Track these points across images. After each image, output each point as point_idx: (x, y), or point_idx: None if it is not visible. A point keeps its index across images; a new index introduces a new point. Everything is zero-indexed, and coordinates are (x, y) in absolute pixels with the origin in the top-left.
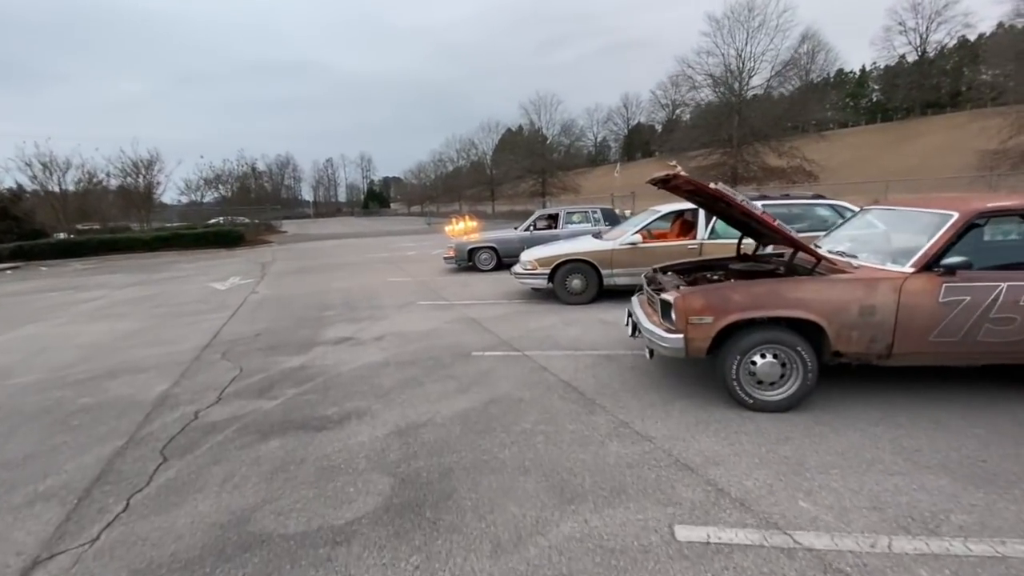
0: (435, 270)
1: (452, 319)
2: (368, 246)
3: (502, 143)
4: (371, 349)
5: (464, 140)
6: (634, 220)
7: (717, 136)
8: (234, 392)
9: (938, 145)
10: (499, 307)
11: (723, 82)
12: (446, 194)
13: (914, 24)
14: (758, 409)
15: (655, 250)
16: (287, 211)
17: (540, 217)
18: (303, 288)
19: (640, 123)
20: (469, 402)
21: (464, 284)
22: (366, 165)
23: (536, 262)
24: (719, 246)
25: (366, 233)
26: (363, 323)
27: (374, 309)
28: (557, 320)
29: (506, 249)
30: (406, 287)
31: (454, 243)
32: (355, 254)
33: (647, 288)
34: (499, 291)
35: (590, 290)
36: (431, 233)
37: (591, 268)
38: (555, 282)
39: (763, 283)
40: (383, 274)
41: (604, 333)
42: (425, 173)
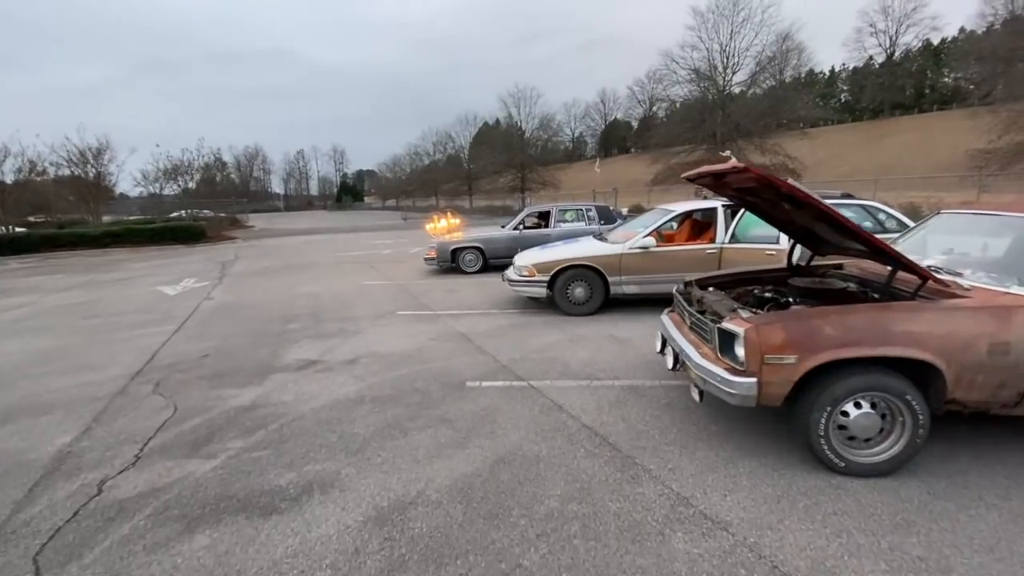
0: (415, 272)
1: (438, 334)
2: (341, 243)
3: (479, 137)
4: (341, 377)
5: (441, 133)
6: (642, 220)
7: (701, 132)
8: (160, 446)
9: (908, 144)
10: (491, 318)
11: (707, 76)
12: (422, 188)
13: (884, 26)
14: (850, 473)
15: (669, 255)
16: (256, 204)
17: (530, 215)
18: (266, 293)
19: (617, 119)
20: (471, 462)
21: (448, 289)
22: (339, 158)
23: (533, 268)
24: (740, 251)
25: (339, 228)
26: (333, 340)
27: (346, 321)
28: (561, 337)
29: (493, 250)
30: (383, 292)
31: (435, 243)
32: (326, 252)
33: (686, 308)
34: (488, 298)
35: (595, 300)
36: (408, 229)
37: (596, 275)
38: (555, 290)
39: (860, 312)
40: (357, 276)
41: (619, 354)
42: (400, 167)
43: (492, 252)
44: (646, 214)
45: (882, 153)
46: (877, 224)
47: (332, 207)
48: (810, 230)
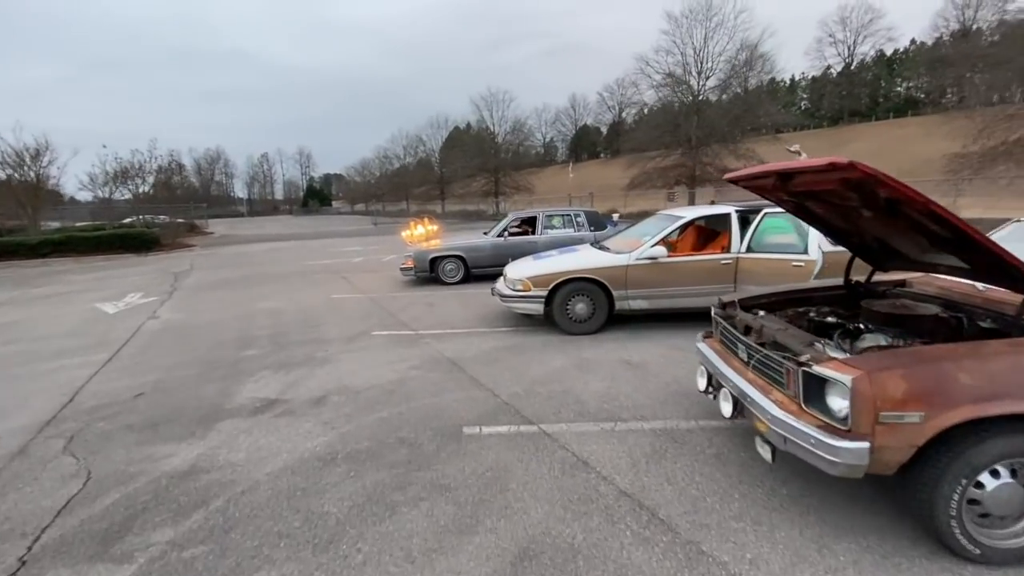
0: (389, 282)
1: (422, 361)
2: (308, 250)
3: (451, 140)
4: (307, 424)
5: (411, 136)
6: (644, 228)
7: (677, 136)
8: (57, 542)
9: (869, 151)
10: (481, 339)
11: (682, 81)
12: (392, 192)
13: (843, 36)
14: (988, 562)
15: (681, 266)
16: (218, 209)
17: (515, 221)
18: (222, 310)
19: (587, 124)
20: (484, 559)
21: (429, 303)
22: (305, 161)
23: (529, 281)
24: (760, 262)
25: (305, 234)
26: (298, 370)
27: (314, 344)
28: (566, 362)
29: (476, 259)
30: (356, 308)
31: (412, 251)
32: (292, 261)
33: (738, 338)
34: (475, 314)
35: (598, 317)
36: (379, 234)
37: (600, 289)
38: (554, 306)
39: (1003, 353)
40: (326, 288)
41: (638, 385)
42: (370, 170)
43: (475, 261)
44: (648, 221)
45: None
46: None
47: (298, 211)
48: (883, 241)
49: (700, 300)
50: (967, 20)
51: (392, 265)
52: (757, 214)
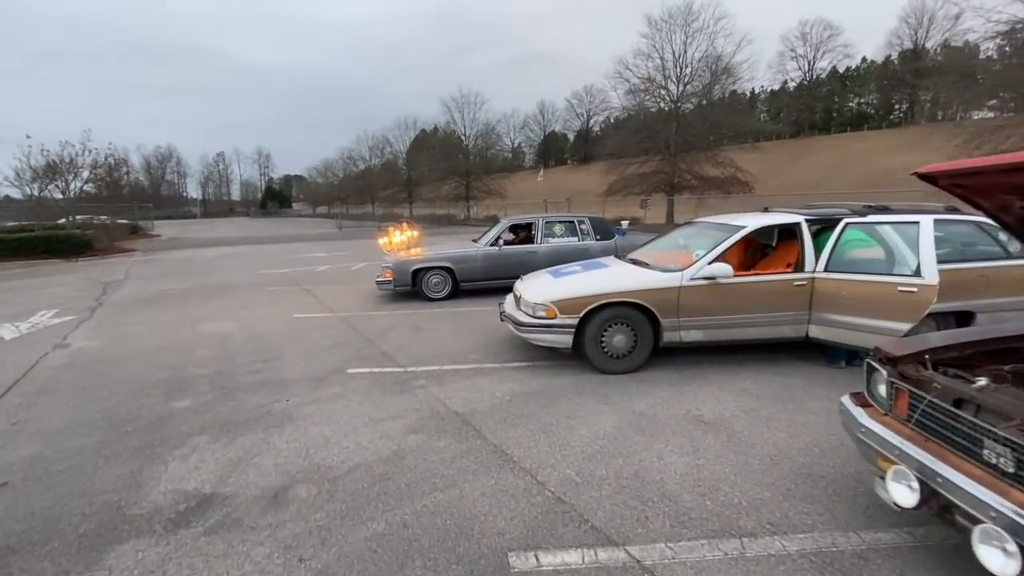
0: (363, 298)
1: (421, 418)
2: (265, 256)
3: (419, 143)
4: (259, 553)
5: (378, 137)
6: (691, 238)
7: (657, 142)
8: None
9: (830, 162)
10: (492, 380)
11: (661, 86)
12: (357, 195)
13: (803, 51)
14: None
15: (746, 289)
16: (169, 210)
17: (510, 227)
18: (153, 335)
19: (555, 131)
20: None
21: (415, 326)
22: (264, 161)
23: (555, 306)
24: (846, 285)
25: (264, 238)
26: (247, 435)
27: (270, 389)
28: (618, 419)
29: (466, 271)
30: (324, 332)
31: (391, 261)
32: (246, 269)
33: (983, 430)
34: (474, 340)
35: (640, 351)
36: (345, 238)
37: (644, 316)
38: (586, 338)
39: None
40: (286, 305)
41: (738, 461)
42: (333, 171)
43: (464, 274)
44: (687, 230)
45: (809, 170)
46: (998, 246)
47: (256, 213)
48: None
49: (766, 331)
50: (919, 40)
51: (363, 275)
52: (833, 224)
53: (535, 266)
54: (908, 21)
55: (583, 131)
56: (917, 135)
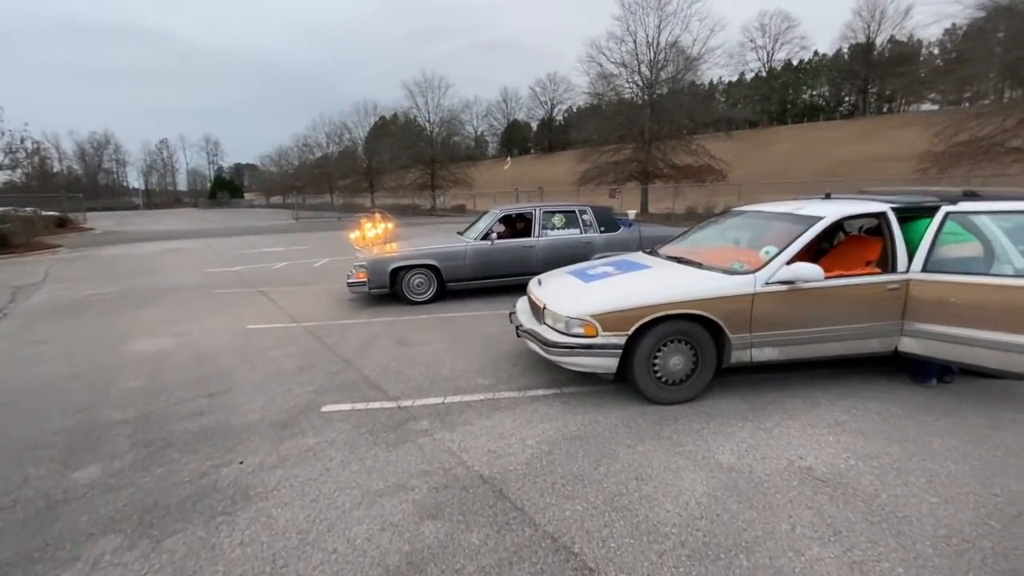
0: (331, 302)
1: (434, 488)
2: (214, 252)
3: (380, 129)
4: None
5: (335, 123)
6: (743, 230)
7: (633, 129)
8: None
9: (791, 152)
10: (514, 417)
11: (635, 71)
12: (314, 184)
13: (762, 42)
14: None
15: (834, 293)
16: (107, 200)
17: (502, 218)
18: (65, 357)
19: (517, 120)
20: None
21: (400, 339)
22: (213, 149)
23: (596, 321)
24: (953, 289)
25: (213, 231)
26: (177, 533)
27: (217, 444)
28: (706, 480)
29: (453, 268)
30: (287, 350)
31: (365, 259)
32: (192, 267)
33: None
34: (475, 354)
35: (702, 375)
36: (303, 230)
37: (706, 330)
38: (637, 360)
39: None
40: (239, 312)
41: (910, 550)
42: (287, 160)
43: (452, 272)
44: (734, 218)
45: (772, 159)
46: None
47: (205, 204)
48: None
49: (853, 345)
50: (871, 33)
51: (328, 273)
52: (931, 213)
53: (533, 262)
54: (861, 14)
55: (547, 120)
56: (870, 126)
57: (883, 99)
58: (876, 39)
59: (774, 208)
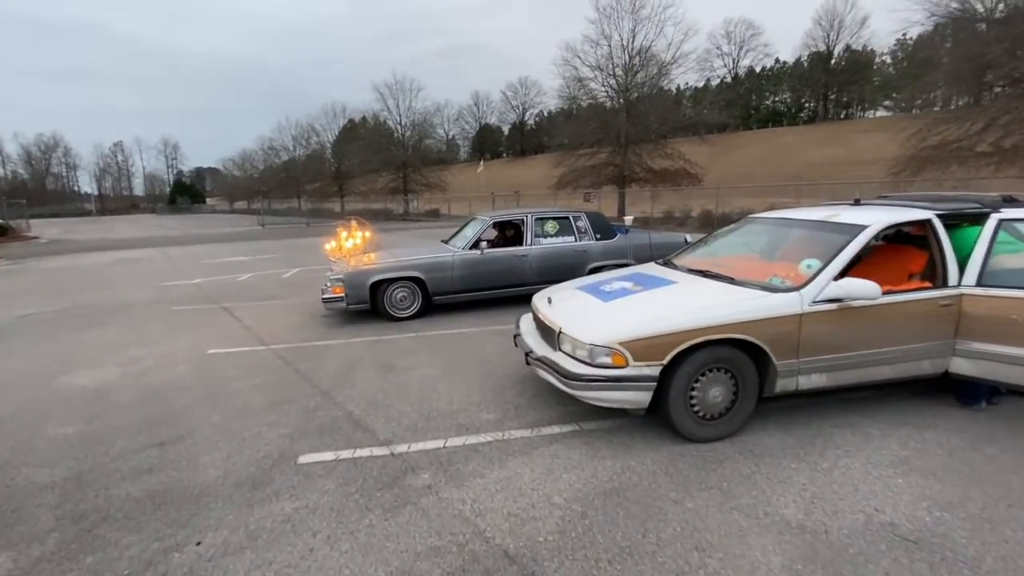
0: (304, 319)
1: (446, 572)
2: (171, 263)
3: (349, 132)
4: None
5: (303, 126)
6: (759, 236)
7: (610, 132)
8: None
9: (759, 155)
10: (535, 466)
11: (611, 74)
12: (281, 188)
13: (728, 49)
14: None
15: (886, 311)
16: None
17: (492, 225)
18: None
19: (488, 124)
20: None
21: (385, 363)
22: (172, 153)
23: (625, 349)
24: (1007, 303)
25: (172, 239)
26: None
27: (166, 515)
28: (778, 549)
29: (440, 281)
30: (254, 380)
31: (341, 272)
32: (147, 280)
33: None
34: (475, 383)
35: (743, 407)
36: (270, 238)
37: (748, 356)
38: (673, 392)
39: None
40: (199, 333)
41: None
42: (252, 163)
43: (438, 285)
44: (752, 225)
45: (740, 163)
46: None
47: (163, 210)
48: None
49: (904, 368)
50: (831, 42)
51: (298, 285)
52: (978, 221)
53: (525, 273)
54: (821, 23)
55: (519, 124)
56: (831, 131)
57: (841, 105)
58: (835, 48)
59: (802, 215)
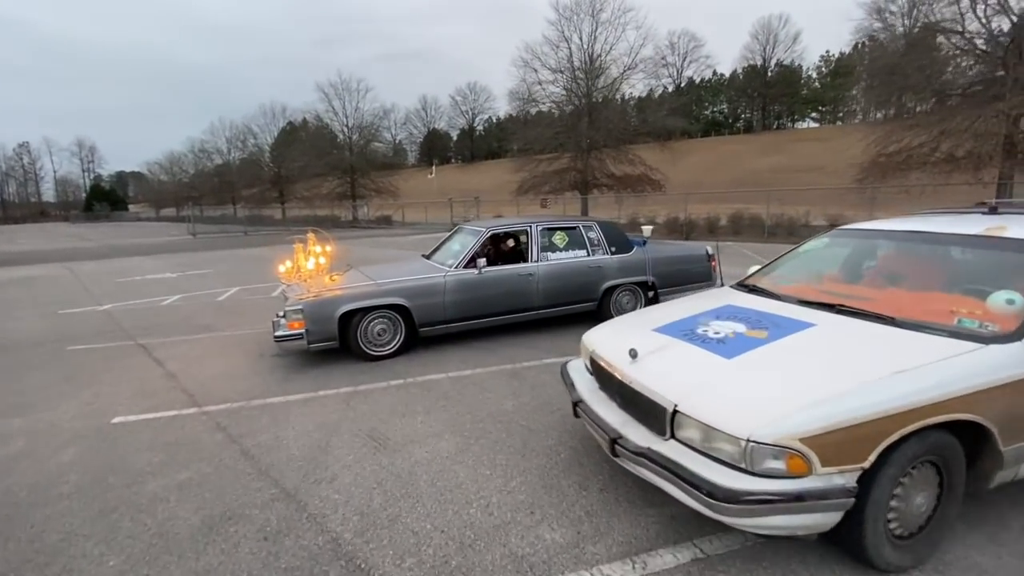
0: (249, 361)
1: None
2: (81, 281)
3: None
4: None
5: (238, 127)
6: (870, 255)
7: (573, 137)
8: None
9: (707, 163)
10: None
11: (571, 78)
12: (214, 194)
13: (672, 60)
14: None
15: None
16: None
17: (490, 237)
18: None
19: (437, 129)
20: None
21: (373, 435)
22: (88, 155)
23: (808, 447)
24: None
25: (83, 251)
26: None
27: None
28: None
29: (429, 309)
30: (179, 475)
31: (300, 302)
32: (41, 306)
33: None
34: (516, 469)
35: (947, 512)
36: (202, 248)
37: (956, 439)
38: (869, 506)
39: None
40: (101, 390)
41: None
42: (181, 167)
43: (426, 314)
44: (851, 239)
45: (690, 170)
46: None
47: (78, 218)
48: None
49: None
50: (767, 55)
51: (240, 310)
52: None
53: (532, 296)
54: (757, 38)
55: (468, 129)
56: (770, 140)
57: (774, 116)
58: (771, 61)
59: (938, 227)
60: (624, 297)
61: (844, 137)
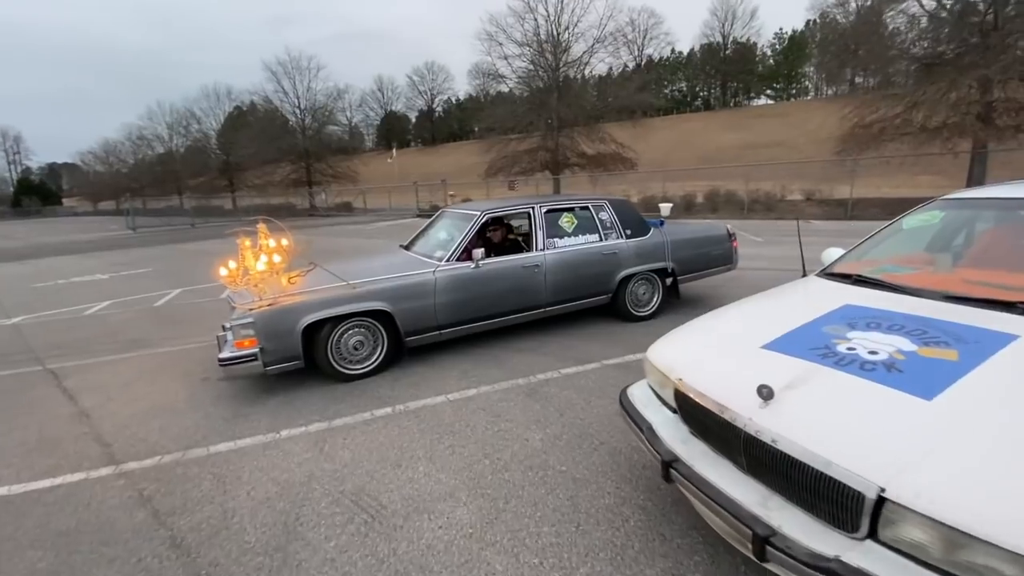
0: (191, 389)
1: None
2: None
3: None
4: None
5: (180, 112)
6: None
7: (543, 114)
8: None
9: (674, 140)
10: None
11: (538, 52)
12: (157, 185)
13: (633, 37)
14: None
15: None
16: None
17: (489, 222)
18: None
19: (395, 112)
20: None
21: (362, 504)
22: (13, 146)
23: None
24: None
25: (5, 252)
26: None
27: None
28: None
29: (416, 312)
30: None
31: (251, 314)
32: None
33: None
34: (574, 551)
35: None
36: (142, 245)
37: None
38: None
39: None
40: None
41: None
42: (119, 156)
43: (414, 319)
44: (965, 211)
45: (657, 147)
46: None
47: (5, 214)
48: None
49: None
50: (726, 32)
51: (179, 317)
52: None
53: (539, 291)
54: (716, 14)
55: (427, 111)
56: (731, 117)
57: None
58: (729, 38)
59: None
60: (641, 287)
61: (800, 112)
